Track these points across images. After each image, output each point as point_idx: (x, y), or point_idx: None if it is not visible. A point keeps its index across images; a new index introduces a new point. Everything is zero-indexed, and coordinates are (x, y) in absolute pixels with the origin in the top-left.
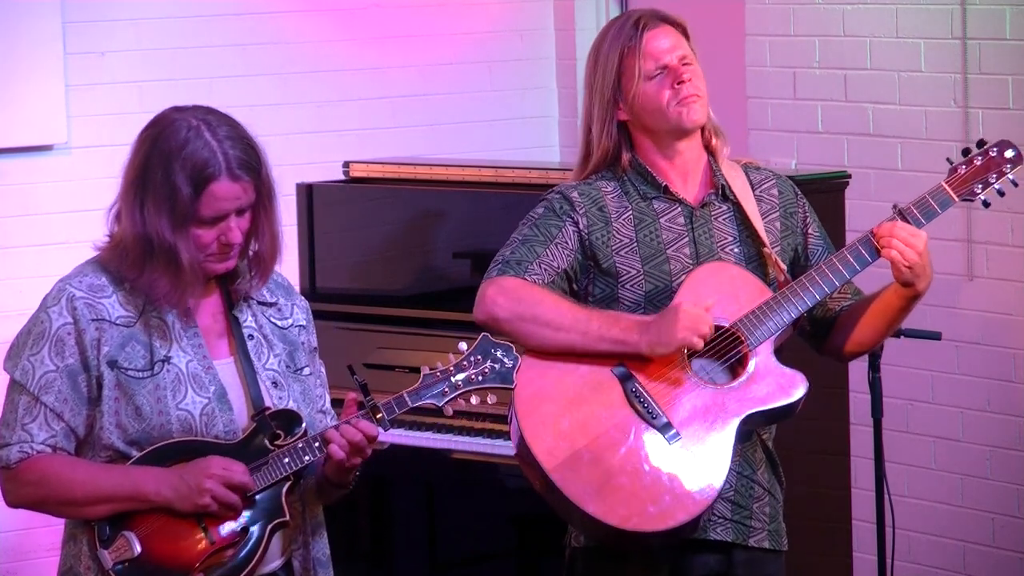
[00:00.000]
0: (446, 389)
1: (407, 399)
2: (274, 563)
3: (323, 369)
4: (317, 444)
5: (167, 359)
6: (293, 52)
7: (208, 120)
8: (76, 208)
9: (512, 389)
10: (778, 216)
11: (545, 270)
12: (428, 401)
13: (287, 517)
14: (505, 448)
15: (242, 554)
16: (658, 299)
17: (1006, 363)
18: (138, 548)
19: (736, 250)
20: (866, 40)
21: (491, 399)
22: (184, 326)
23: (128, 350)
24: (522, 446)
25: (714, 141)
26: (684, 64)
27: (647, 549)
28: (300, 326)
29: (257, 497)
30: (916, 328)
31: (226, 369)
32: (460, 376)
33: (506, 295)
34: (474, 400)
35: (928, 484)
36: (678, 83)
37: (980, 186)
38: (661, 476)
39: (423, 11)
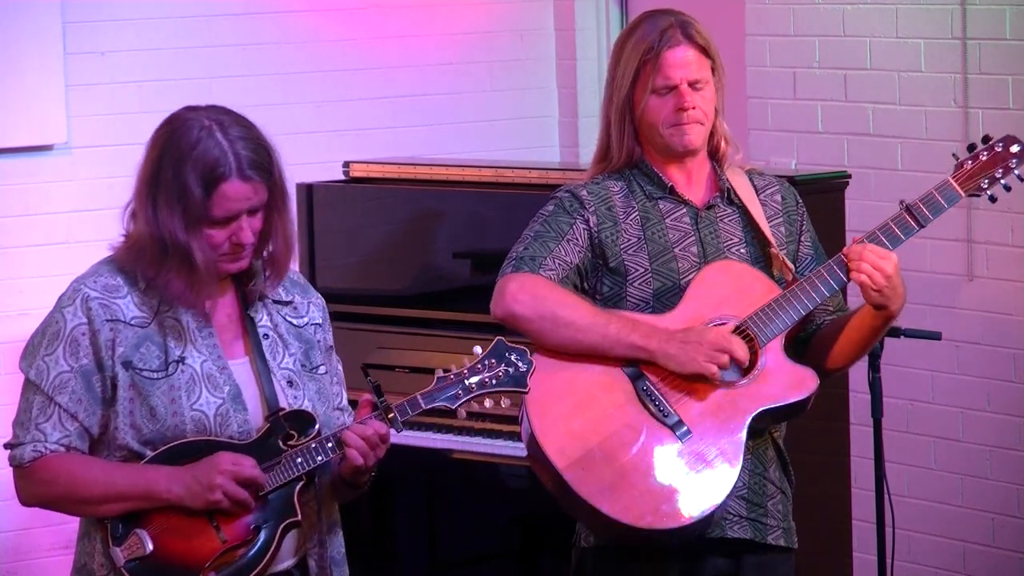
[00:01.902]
0: (459, 392)
1: (420, 401)
2: (287, 562)
3: (340, 367)
4: (330, 445)
5: (181, 359)
6: (293, 52)
7: (221, 120)
8: (76, 208)
9: (526, 393)
10: (782, 221)
11: (559, 265)
12: (441, 403)
13: (299, 517)
14: (505, 448)
15: (252, 553)
16: (666, 297)
17: (1006, 363)
18: (150, 546)
19: (743, 251)
20: (866, 40)
21: (505, 403)
22: (199, 326)
23: (143, 351)
24: (534, 445)
25: (723, 147)
26: (693, 87)
27: (658, 548)
28: (316, 324)
29: (269, 497)
30: (916, 328)
31: (241, 369)
32: (474, 379)
33: (527, 292)
34: (488, 403)
35: (928, 484)
36: (679, 108)
37: (986, 181)
38: (673, 474)
39: (423, 11)
